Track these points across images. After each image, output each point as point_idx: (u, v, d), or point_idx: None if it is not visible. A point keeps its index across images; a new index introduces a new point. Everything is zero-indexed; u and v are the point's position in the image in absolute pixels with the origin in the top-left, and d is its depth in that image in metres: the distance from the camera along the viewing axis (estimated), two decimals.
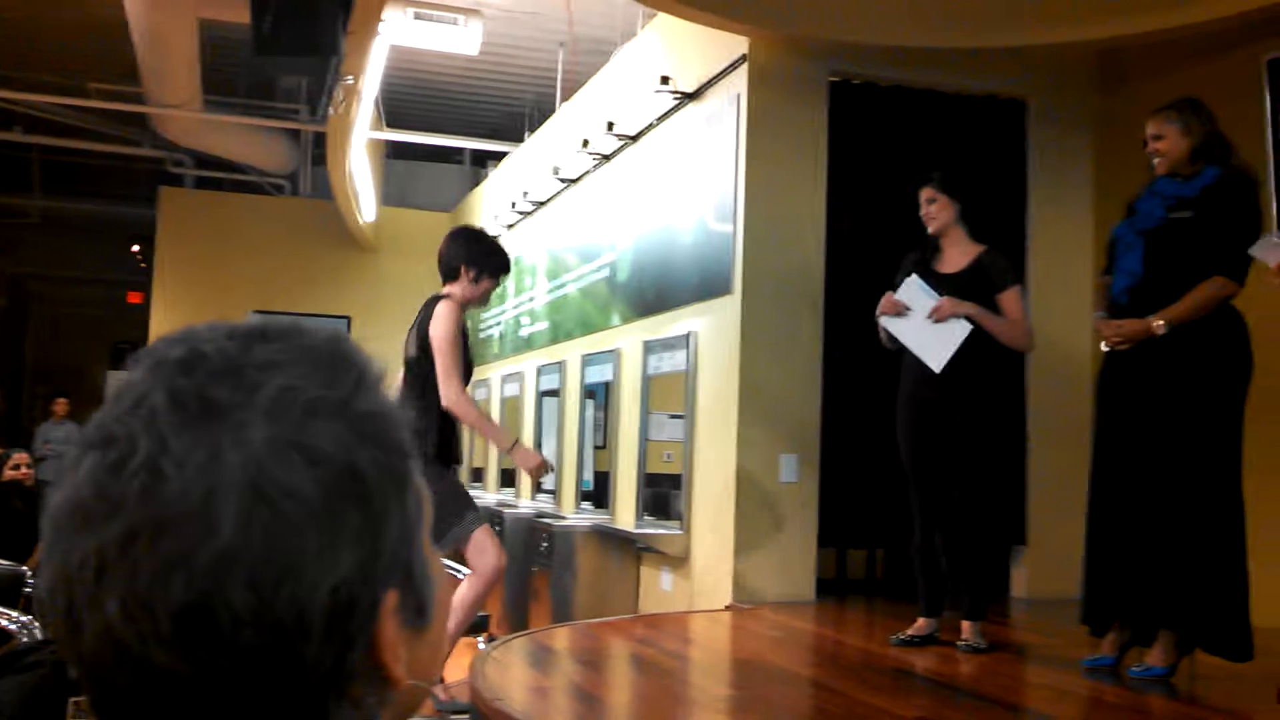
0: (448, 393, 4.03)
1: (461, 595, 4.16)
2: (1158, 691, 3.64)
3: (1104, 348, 3.89)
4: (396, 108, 12.18)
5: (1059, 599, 5.39)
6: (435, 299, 4.26)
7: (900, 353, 4.37)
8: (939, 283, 4.34)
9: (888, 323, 4.33)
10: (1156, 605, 3.68)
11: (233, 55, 10.46)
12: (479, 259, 4.29)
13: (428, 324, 4.16)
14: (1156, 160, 3.84)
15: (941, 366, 4.13)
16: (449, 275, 4.29)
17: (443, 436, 4.12)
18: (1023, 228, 6.08)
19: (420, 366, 4.15)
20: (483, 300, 4.38)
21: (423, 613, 0.66)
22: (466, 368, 4.22)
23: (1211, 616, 3.60)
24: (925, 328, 4.18)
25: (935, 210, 4.38)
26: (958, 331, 4.14)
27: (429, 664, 0.67)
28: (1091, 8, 5.28)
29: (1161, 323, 3.66)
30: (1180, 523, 3.64)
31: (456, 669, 4.07)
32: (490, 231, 10.68)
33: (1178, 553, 3.63)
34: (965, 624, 4.25)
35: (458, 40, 8.30)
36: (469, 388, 4.25)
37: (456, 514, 4.14)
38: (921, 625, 4.33)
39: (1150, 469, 3.71)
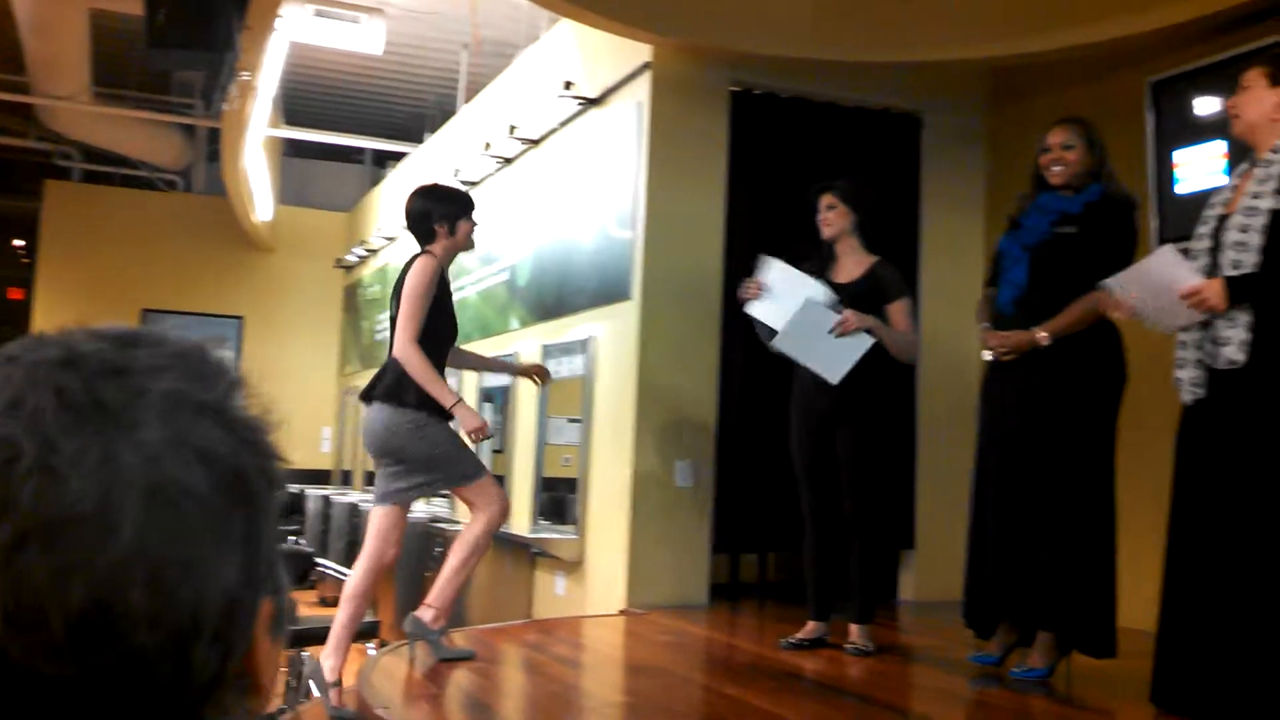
0: (400, 340, 3.97)
1: (475, 535, 4.13)
2: (1038, 692, 3.74)
3: (987, 357, 4.01)
4: (296, 105, 11.98)
5: (947, 601, 5.49)
6: (415, 255, 4.22)
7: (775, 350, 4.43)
8: (834, 291, 4.41)
9: (757, 312, 4.35)
10: (1034, 606, 3.79)
11: (126, 47, 10.18)
12: (444, 209, 4.24)
13: (405, 277, 4.15)
14: (1058, 169, 3.95)
15: (840, 379, 4.20)
16: (426, 237, 4.24)
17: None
18: (916, 239, 6.20)
19: None
20: (468, 245, 4.34)
21: (280, 624, 0.65)
22: (450, 324, 4.20)
23: (1082, 616, 3.73)
24: (824, 341, 4.23)
25: (833, 217, 4.45)
26: (858, 345, 4.21)
27: (273, 678, 0.66)
28: (983, 27, 5.42)
29: (1045, 334, 3.79)
30: (1055, 527, 3.77)
31: (347, 675, 4.00)
32: (388, 234, 10.57)
33: (1052, 555, 3.76)
34: (854, 627, 4.32)
35: (360, 39, 8.20)
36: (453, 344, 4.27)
37: (472, 458, 4.18)
38: (811, 629, 4.39)
39: (1027, 474, 3.83)
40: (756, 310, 4.37)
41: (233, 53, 5.99)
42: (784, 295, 4.29)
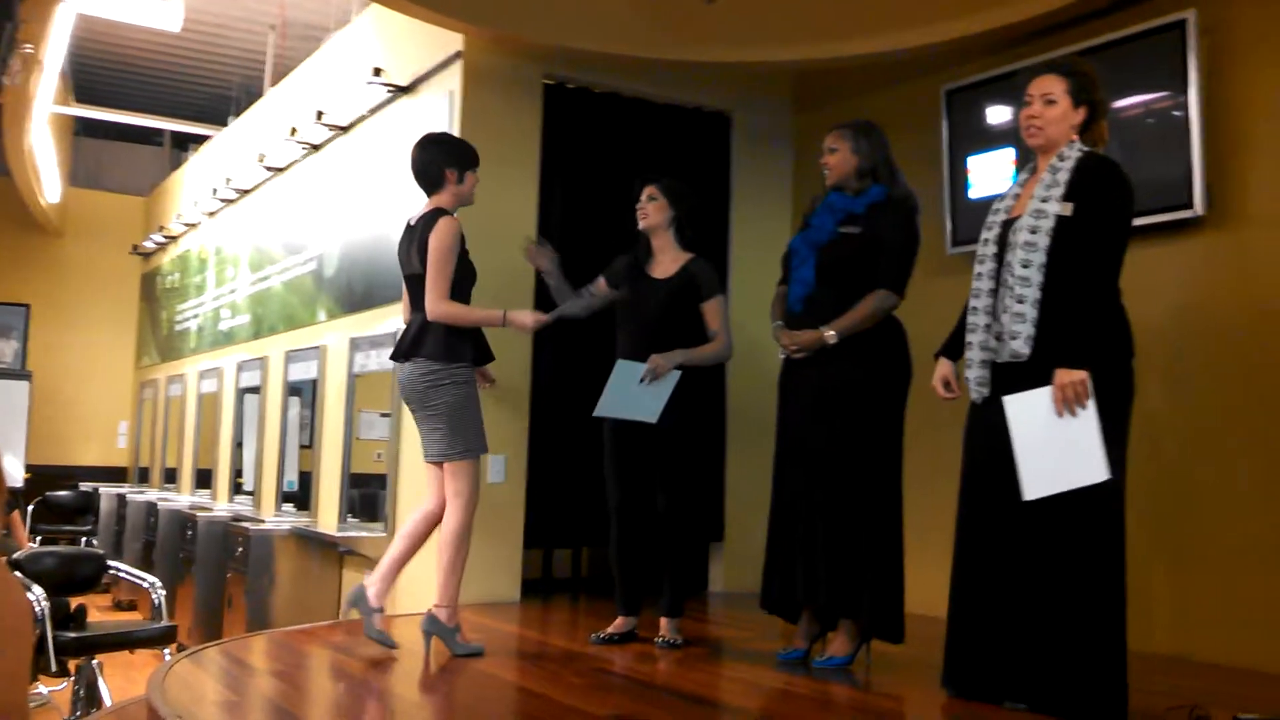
0: (432, 302, 4.10)
1: (453, 529, 4.16)
2: (839, 679, 3.86)
3: (780, 355, 4.12)
4: (89, 82, 11.37)
5: (755, 593, 5.62)
6: (433, 213, 4.24)
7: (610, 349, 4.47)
8: (650, 287, 4.44)
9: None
10: (831, 596, 3.92)
11: None
12: (456, 157, 4.32)
13: (428, 236, 4.16)
14: (826, 171, 4.14)
15: (658, 417, 4.26)
16: (433, 184, 4.30)
17: (468, 339, 4.18)
18: (726, 238, 6.30)
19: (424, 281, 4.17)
20: (471, 198, 4.39)
21: None
22: (470, 275, 4.27)
23: (874, 604, 3.88)
24: (638, 390, 4.26)
25: (652, 209, 4.49)
26: (669, 381, 4.27)
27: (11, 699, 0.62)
28: (789, 32, 5.55)
29: (832, 333, 3.94)
30: (847, 518, 3.91)
31: (139, 681, 3.82)
32: (190, 220, 10.15)
33: (845, 544, 3.90)
34: (664, 621, 4.37)
35: (155, 15, 7.83)
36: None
37: (478, 436, 4.20)
38: (620, 624, 4.43)
39: (820, 468, 3.96)
40: (607, 403, 4.35)
41: (12, 23, 5.64)
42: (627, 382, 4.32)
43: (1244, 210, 4.38)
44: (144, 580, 6.04)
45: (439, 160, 4.30)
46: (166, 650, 5.52)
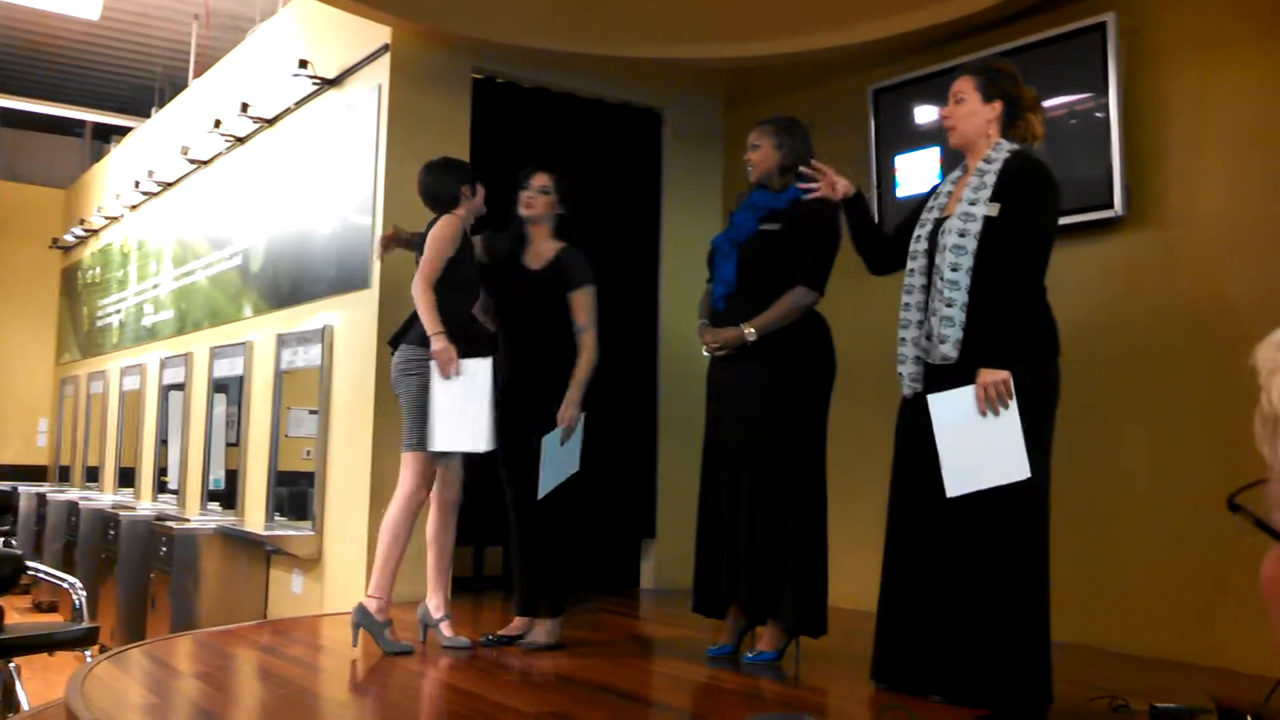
0: (416, 280, 4.18)
1: (392, 519, 4.23)
2: (768, 674, 3.89)
3: (705, 353, 4.13)
4: (7, 71, 11.08)
5: (686, 589, 5.64)
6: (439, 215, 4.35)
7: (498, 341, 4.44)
8: (524, 277, 4.35)
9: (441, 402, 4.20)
10: (757, 592, 3.94)
11: None
12: (466, 176, 4.40)
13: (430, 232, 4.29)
14: (748, 168, 4.17)
15: (579, 461, 4.25)
16: (450, 204, 4.33)
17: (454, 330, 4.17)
18: (657, 235, 6.31)
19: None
20: (483, 207, 4.45)
21: None
22: (469, 286, 4.31)
23: (797, 599, 3.91)
24: (562, 451, 4.20)
25: (540, 202, 4.36)
26: (580, 426, 4.24)
27: None
28: (719, 29, 5.57)
29: (752, 330, 3.95)
30: (772, 514, 3.94)
31: (58, 684, 3.73)
32: (111, 213, 9.95)
33: (771, 540, 3.94)
34: (540, 622, 4.30)
35: (74, 3, 7.65)
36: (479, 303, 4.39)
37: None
38: (516, 624, 4.38)
39: (745, 463, 3.99)
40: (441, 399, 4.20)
41: None
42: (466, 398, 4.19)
43: (1162, 210, 4.47)
44: (64, 581, 5.91)
45: (452, 181, 4.35)
46: (87, 652, 5.40)
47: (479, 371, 4.15)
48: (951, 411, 3.29)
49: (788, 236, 4.00)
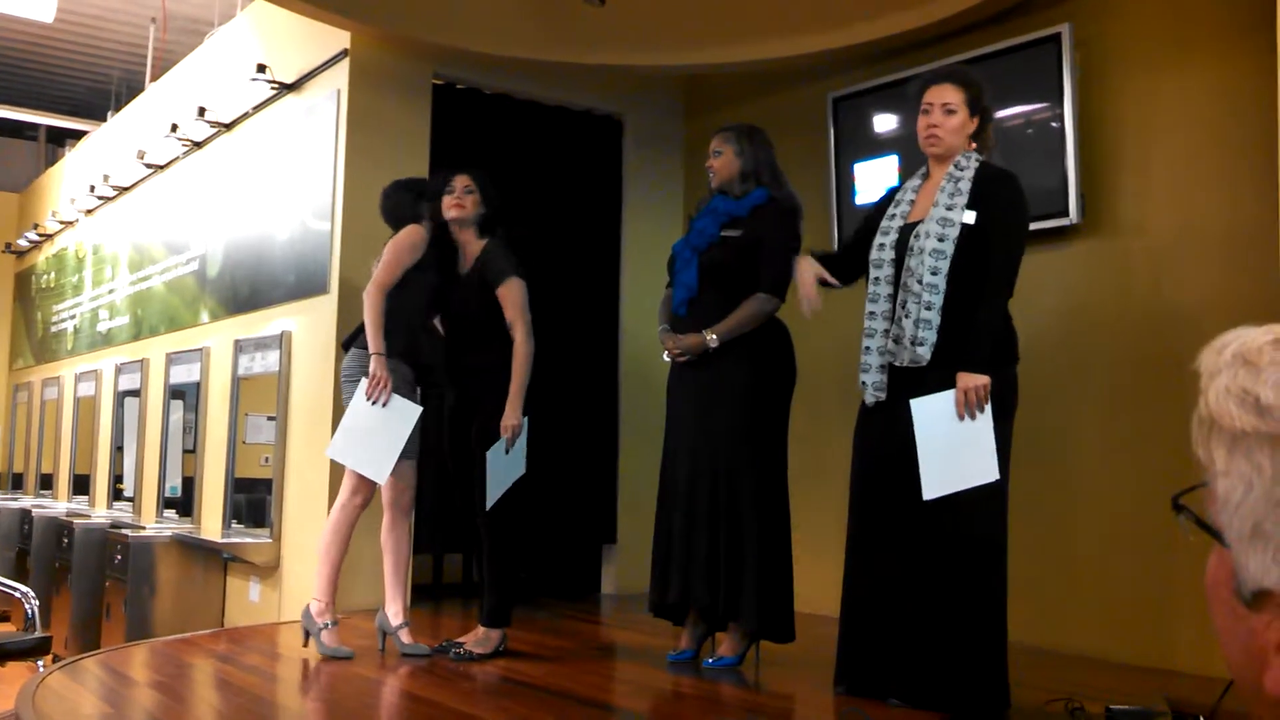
0: (369, 287, 4.18)
1: (331, 520, 4.28)
2: (728, 680, 3.90)
3: (666, 358, 4.14)
4: None
5: (646, 595, 5.65)
6: None
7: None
8: (459, 284, 4.28)
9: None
10: (718, 597, 3.95)
11: None
12: (426, 191, 4.38)
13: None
14: (710, 174, 4.18)
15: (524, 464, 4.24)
16: (413, 221, 4.34)
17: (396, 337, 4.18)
18: (618, 241, 6.32)
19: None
20: (445, 216, 4.33)
21: None
22: (430, 295, 4.27)
23: (763, 605, 3.92)
24: (508, 459, 4.16)
25: (470, 201, 4.28)
26: (524, 432, 4.19)
27: None
28: (681, 36, 5.58)
29: (714, 336, 3.96)
30: (733, 519, 3.95)
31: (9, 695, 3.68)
32: (66, 217, 9.82)
33: (732, 546, 3.94)
34: (479, 628, 4.26)
35: (28, 5, 7.55)
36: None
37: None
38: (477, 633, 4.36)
39: (706, 468, 3.99)
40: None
41: None
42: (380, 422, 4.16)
43: (1115, 218, 4.53)
44: (16, 590, 5.82)
45: (411, 200, 4.37)
46: (40, 662, 5.33)
47: (405, 414, 4.15)
48: (932, 415, 3.32)
49: (749, 243, 4.02)
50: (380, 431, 4.10)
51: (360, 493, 4.25)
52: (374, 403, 4.11)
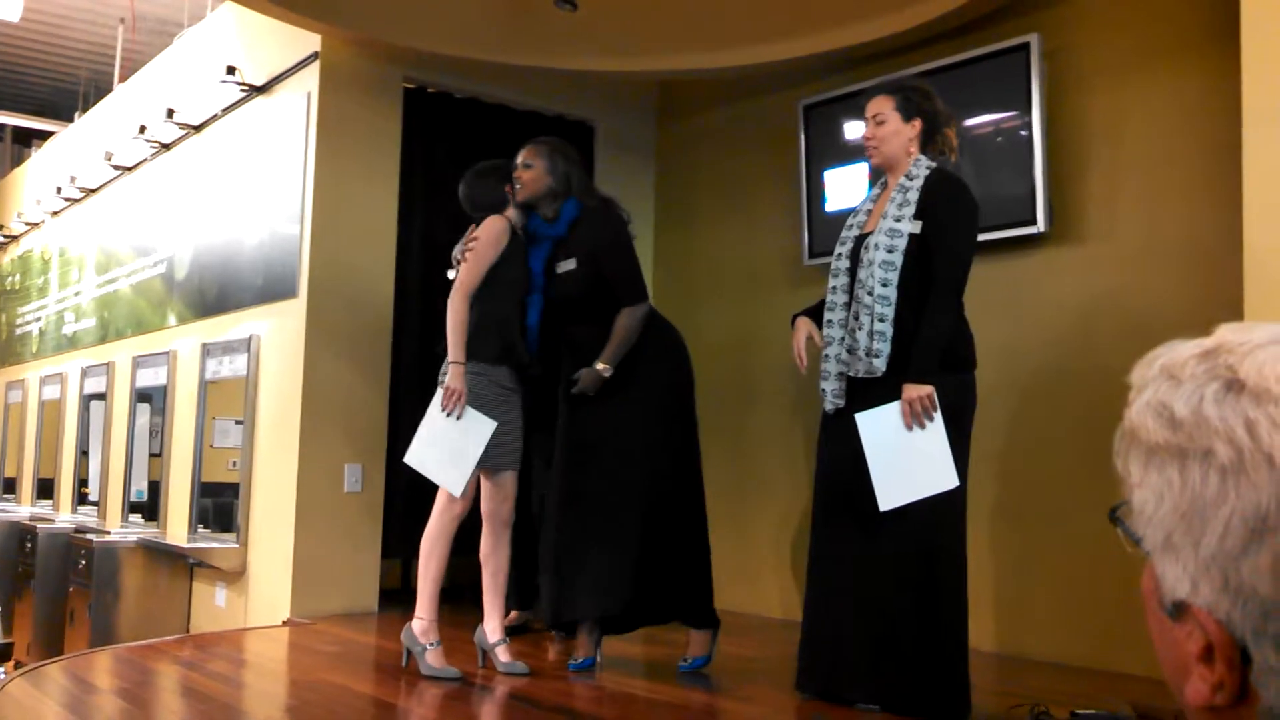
0: (453, 293, 3.98)
1: (427, 532, 4.01)
2: (690, 684, 3.91)
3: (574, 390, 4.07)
4: None
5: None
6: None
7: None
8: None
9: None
10: (665, 599, 4.03)
11: None
12: (504, 177, 4.18)
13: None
14: (519, 186, 4.14)
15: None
16: (498, 207, 4.15)
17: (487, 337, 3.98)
18: None
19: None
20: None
21: None
22: (513, 279, 4.06)
23: (686, 595, 4.03)
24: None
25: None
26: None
27: None
28: (653, 42, 5.59)
29: (605, 366, 3.98)
30: (660, 521, 3.99)
31: None
32: (32, 219, 9.73)
33: (667, 548, 4.00)
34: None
35: None
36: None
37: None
38: (513, 616, 4.57)
39: (621, 477, 4.01)
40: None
41: None
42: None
43: (1083, 227, 4.57)
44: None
45: (494, 184, 4.18)
46: (1, 668, 5.28)
47: (480, 429, 3.90)
48: (879, 428, 3.33)
49: (586, 271, 4.03)
50: (456, 444, 3.90)
51: (457, 501, 3.98)
52: (448, 414, 3.91)
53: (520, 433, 4.07)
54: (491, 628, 4.01)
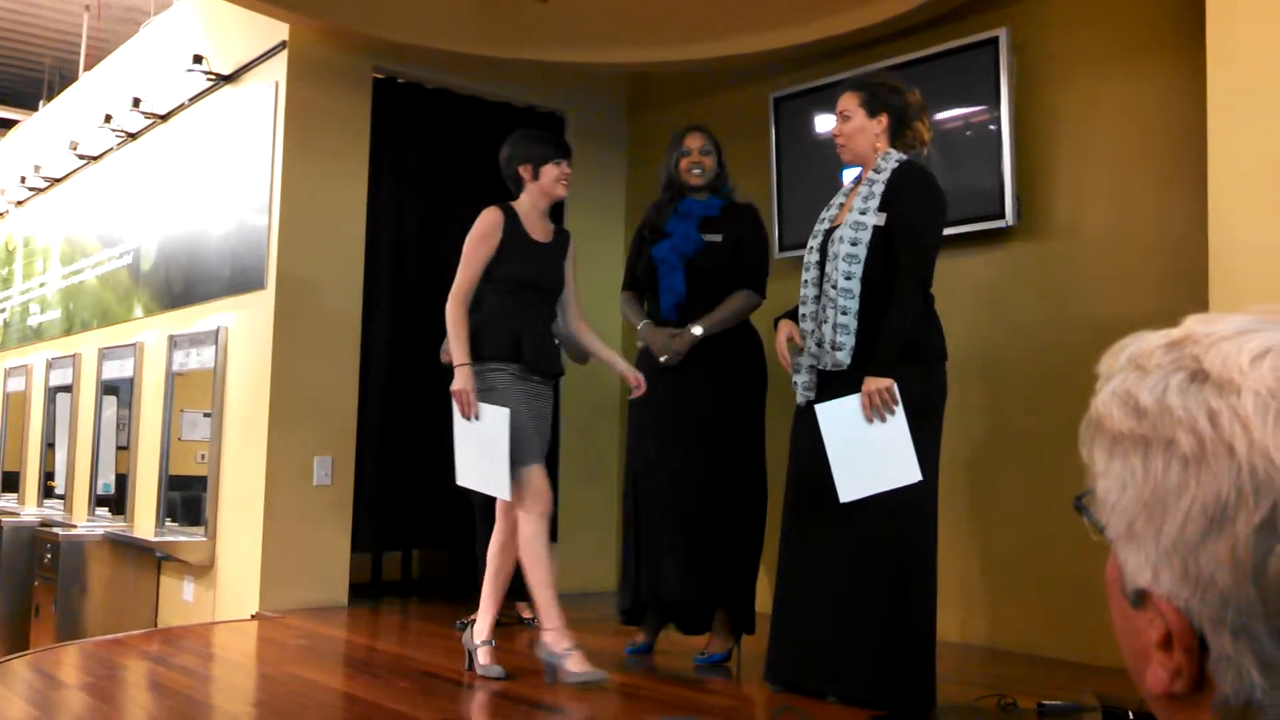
0: (448, 301, 3.82)
1: (526, 538, 3.75)
2: (660, 676, 3.92)
3: (663, 360, 4.11)
4: None
5: (589, 592, 5.66)
6: None
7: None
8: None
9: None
10: (703, 592, 4.06)
11: None
12: (526, 151, 3.94)
13: None
14: (697, 172, 4.20)
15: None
16: (515, 185, 3.97)
17: (490, 334, 3.80)
18: None
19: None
20: (556, 190, 3.98)
21: None
22: (510, 273, 3.86)
23: (742, 600, 4.06)
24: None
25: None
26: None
27: None
28: (624, 33, 5.58)
29: (699, 329, 4.07)
30: (713, 518, 4.04)
31: None
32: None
33: (712, 542, 4.04)
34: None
35: None
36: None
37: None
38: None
39: (684, 467, 4.06)
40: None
41: None
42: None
43: (1050, 220, 4.60)
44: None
45: (508, 157, 3.97)
46: None
47: (497, 422, 3.71)
48: (839, 420, 3.35)
49: (730, 246, 4.13)
50: (485, 446, 3.73)
51: (521, 501, 3.80)
52: (466, 419, 3.76)
53: (542, 426, 3.90)
54: (552, 638, 3.77)
